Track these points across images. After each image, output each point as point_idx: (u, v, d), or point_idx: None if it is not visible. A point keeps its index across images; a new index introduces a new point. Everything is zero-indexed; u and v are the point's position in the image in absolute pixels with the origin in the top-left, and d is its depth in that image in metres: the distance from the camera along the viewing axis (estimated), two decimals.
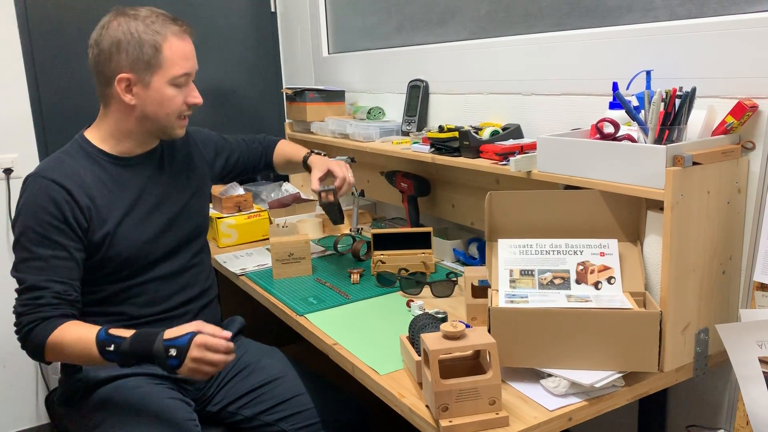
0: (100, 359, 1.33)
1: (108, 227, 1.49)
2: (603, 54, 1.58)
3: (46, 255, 1.41)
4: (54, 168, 1.48)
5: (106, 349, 1.32)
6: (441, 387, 1.11)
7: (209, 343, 1.30)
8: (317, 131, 2.45)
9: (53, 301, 1.40)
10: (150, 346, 1.30)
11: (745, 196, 1.34)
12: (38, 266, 1.41)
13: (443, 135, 1.80)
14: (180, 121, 1.54)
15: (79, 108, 2.60)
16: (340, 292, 1.79)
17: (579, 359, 1.23)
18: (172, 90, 1.49)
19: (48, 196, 1.44)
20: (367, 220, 2.49)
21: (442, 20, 2.13)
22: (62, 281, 1.42)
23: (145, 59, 1.45)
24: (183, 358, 1.29)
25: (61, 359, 1.43)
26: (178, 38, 1.48)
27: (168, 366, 1.30)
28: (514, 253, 1.39)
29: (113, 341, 1.32)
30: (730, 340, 1.20)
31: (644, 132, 1.31)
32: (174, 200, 1.62)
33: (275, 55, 3.06)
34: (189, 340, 1.30)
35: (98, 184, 1.51)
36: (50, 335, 1.36)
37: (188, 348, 1.29)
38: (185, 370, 1.30)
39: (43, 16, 2.52)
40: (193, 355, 1.29)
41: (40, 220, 1.42)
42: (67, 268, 1.44)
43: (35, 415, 2.68)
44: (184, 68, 1.48)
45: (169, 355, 1.29)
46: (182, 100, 1.51)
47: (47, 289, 1.40)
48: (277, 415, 1.59)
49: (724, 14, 1.36)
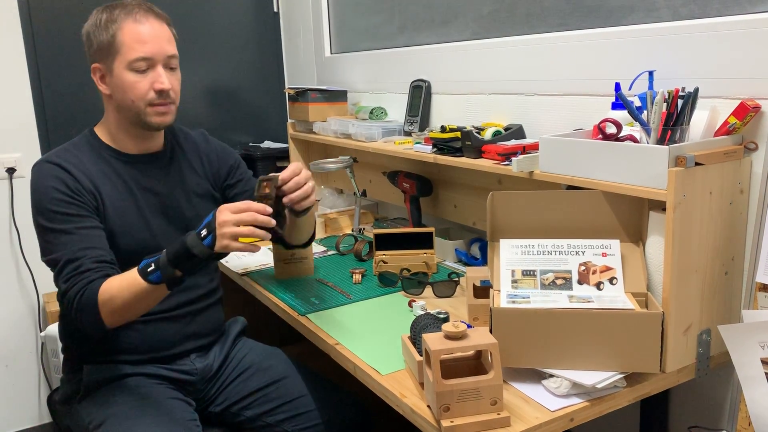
0: (149, 287, 1.33)
1: (111, 220, 1.50)
2: (605, 54, 1.58)
3: (69, 228, 1.42)
4: (57, 154, 1.51)
5: (148, 271, 1.32)
6: (442, 387, 1.11)
7: (233, 206, 1.30)
8: (319, 131, 2.46)
9: (93, 265, 1.39)
10: (183, 241, 1.31)
11: (748, 197, 1.34)
12: (65, 240, 1.41)
13: (445, 135, 1.80)
14: (152, 108, 1.49)
15: (81, 107, 2.61)
16: (342, 292, 1.79)
17: (581, 360, 1.23)
18: (132, 75, 1.47)
19: (52, 176, 1.46)
20: (369, 220, 2.49)
21: (444, 20, 2.13)
22: (94, 247, 1.42)
23: (104, 47, 1.47)
24: (213, 228, 1.29)
25: (117, 316, 1.38)
26: (136, 22, 1.46)
27: (205, 248, 1.29)
28: (516, 253, 1.39)
29: (151, 261, 1.34)
30: (732, 341, 1.20)
31: (647, 132, 1.31)
32: (179, 203, 1.61)
33: (277, 55, 3.06)
34: (213, 214, 1.32)
35: (102, 176, 1.52)
36: (99, 294, 1.35)
37: (214, 218, 1.30)
38: (221, 240, 1.28)
39: (46, 17, 2.53)
40: (220, 219, 1.29)
41: (51, 199, 1.43)
42: (93, 236, 1.44)
43: (37, 415, 2.69)
44: (139, 52, 1.45)
45: (202, 237, 1.30)
46: (147, 86, 1.47)
47: (84, 257, 1.40)
48: (280, 416, 1.59)
49: (727, 14, 1.36)
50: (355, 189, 2.31)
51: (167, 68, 1.50)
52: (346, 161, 2.23)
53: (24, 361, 2.64)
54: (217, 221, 1.30)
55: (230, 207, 1.31)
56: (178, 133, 1.70)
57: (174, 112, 1.54)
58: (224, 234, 1.29)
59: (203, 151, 1.70)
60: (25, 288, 2.60)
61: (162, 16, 1.52)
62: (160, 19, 1.51)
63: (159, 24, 1.50)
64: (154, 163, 1.60)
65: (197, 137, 1.72)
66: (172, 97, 1.52)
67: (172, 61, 1.51)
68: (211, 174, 1.70)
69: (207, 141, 1.73)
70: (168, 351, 1.58)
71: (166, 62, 1.49)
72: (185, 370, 1.60)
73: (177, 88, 1.54)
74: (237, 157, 1.77)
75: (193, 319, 1.62)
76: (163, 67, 1.49)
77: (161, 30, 1.49)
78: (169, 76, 1.50)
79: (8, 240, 2.54)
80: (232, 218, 1.29)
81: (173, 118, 1.55)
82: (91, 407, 1.50)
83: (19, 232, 2.54)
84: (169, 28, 1.53)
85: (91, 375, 1.53)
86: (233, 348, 1.71)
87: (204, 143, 1.72)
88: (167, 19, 1.54)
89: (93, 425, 1.46)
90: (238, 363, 1.67)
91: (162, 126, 1.54)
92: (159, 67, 1.48)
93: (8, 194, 2.52)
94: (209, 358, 1.64)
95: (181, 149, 1.67)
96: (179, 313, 1.59)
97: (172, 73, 1.52)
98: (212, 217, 1.31)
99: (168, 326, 1.58)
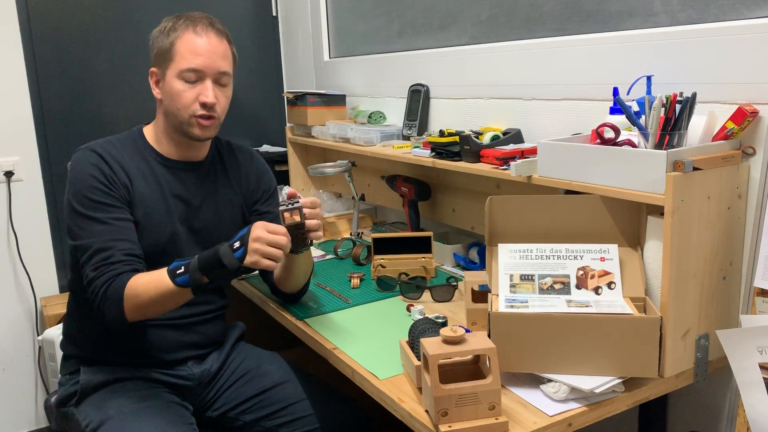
0: (176, 290, 1.36)
1: (137, 216, 1.50)
2: (604, 59, 1.58)
3: (102, 218, 1.44)
4: (99, 144, 1.54)
5: (176, 273, 1.36)
6: (440, 392, 1.11)
7: (269, 227, 1.35)
8: (318, 135, 2.46)
9: (123, 258, 1.41)
10: (217, 249, 1.35)
11: (746, 202, 1.34)
12: (99, 229, 1.43)
13: (444, 139, 1.80)
14: (196, 120, 1.51)
15: (81, 111, 2.61)
16: (340, 297, 1.79)
17: (579, 364, 1.23)
18: (180, 84, 1.49)
19: (90, 163, 1.49)
20: (367, 225, 2.49)
21: (443, 25, 2.13)
22: (126, 239, 1.44)
23: (162, 52, 1.51)
24: (246, 243, 1.34)
25: (139, 312, 1.41)
26: (194, 34, 1.49)
27: (235, 260, 1.34)
28: (514, 257, 1.39)
29: (181, 264, 1.37)
30: (731, 345, 1.20)
31: (645, 137, 1.31)
32: (207, 215, 1.61)
33: (276, 59, 3.07)
34: (248, 229, 1.36)
35: (138, 174, 1.53)
36: (125, 288, 1.38)
37: (248, 233, 1.34)
38: (252, 256, 1.33)
39: (45, 19, 2.53)
40: (254, 235, 1.33)
41: (87, 185, 1.46)
42: (125, 228, 1.46)
43: (34, 419, 2.68)
44: (190, 62, 1.48)
45: (234, 249, 1.35)
46: (193, 97, 1.50)
47: (114, 248, 1.42)
48: (277, 421, 1.59)
49: (725, 20, 1.36)
50: (354, 193, 2.31)
51: (217, 84, 1.52)
52: (344, 165, 2.23)
53: (21, 365, 2.63)
54: (251, 236, 1.34)
55: (267, 226, 1.35)
56: (224, 147, 1.71)
57: (216, 126, 1.56)
58: (256, 250, 1.33)
59: (244, 168, 1.71)
60: (23, 292, 2.59)
61: (223, 33, 1.55)
62: (219, 36, 1.53)
63: (218, 40, 1.52)
64: (191, 173, 1.61)
65: (243, 154, 1.73)
66: (218, 112, 1.54)
67: (222, 78, 1.53)
68: (247, 191, 1.71)
69: (251, 159, 1.74)
70: (165, 357, 1.57)
71: (217, 78, 1.51)
72: (182, 375, 1.59)
73: (224, 104, 1.55)
74: (274, 185, 1.78)
75: (195, 329, 1.61)
76: (213, 82, 1.51)
77: (218, 45, 1.52)
78: (217, 91, 1.52)
79: (6, 243, 2.54)
80: (266, 237, 1.33)
81: (215, 132, 1.57)
82: (88, 410, 1.50)
83: (17, 236, 2.53)
84: (229, 45, 1.56)
85: (89, 377, 1.53)
86: (231, 353, 1.71)
87: (248, 161, 1.73)
88: (228, 36, 1.56)
89: (90, 428, 1.46)
90: (236, 368, 1.67)
91: (202, 138, 1.55)
92: (208, 80, 1.50)
93: (6, 197, 2.51)
94: (207, 363, 1.64)
95: (222, 163, 1.68)
96: (182, 322, 1.59)
97: (222, 89, 1.54)
98: (247, 232, 1.35)
99: (168, 333, 1.57)
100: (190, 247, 1.57)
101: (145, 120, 1.64)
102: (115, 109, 2.68)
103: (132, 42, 2.67)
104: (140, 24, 2.67)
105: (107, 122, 2.66)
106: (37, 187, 2.56)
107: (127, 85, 2.69)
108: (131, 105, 2.70)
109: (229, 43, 1.56)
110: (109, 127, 2.63)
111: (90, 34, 2.61)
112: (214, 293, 1.66)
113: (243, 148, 1.75)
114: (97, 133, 2.59)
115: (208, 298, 1.64)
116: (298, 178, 2.73)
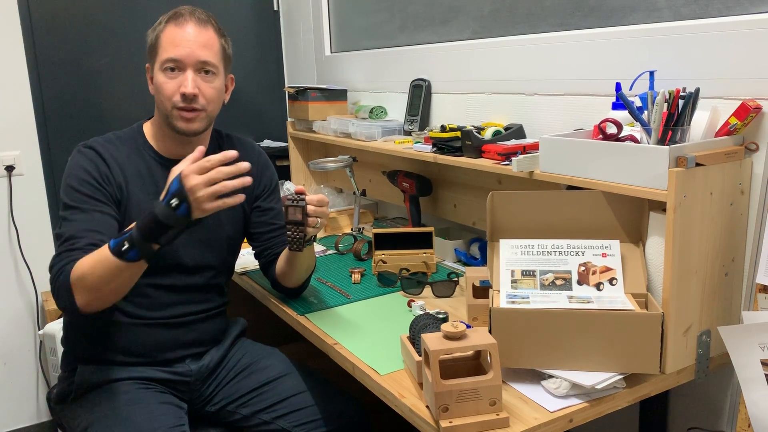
0: (124, 265, 1.29)
1: (131, 217, 1.48)
2: (606, 54, 1.57)
3: (84, 208, 1.44)
4: (99, 142, 1.55)
5: (122, 251, 1.28)
6: (441, 387, 1.11)
7: (196, 168, 1.24)
8: (319, 130, 2.45)
9: (85, 246, 1.37)
10: (153, 214, 1.26)
11: (749, 198, 1.33)
12: (78, 218, 1.43)
13: (445, 134, 1.79)
14: (178, 112, 1.48)
15: (81, 105, 2.60)
16: (341, 292, 1.78)
17: (580, 360, 1.22)
18: (162, 76, 1.48)
19: (86, 158, 1.50)
20: (368, 220, 2.49)
21: (445, 19, 2.13)
22: (99, 231, 1.41)
23: (150, 48, 1.53)
24: (185, 197, 1.23)
25: (93, 295, 1.35)
26: (175, 25, 1.48)
27: (180, 218, 1.25)
28: (515, 253, 1.39)
29: (123, 239, 1.29)
30: (732, 342, 1.19)
31: (647, 133, 1.31)
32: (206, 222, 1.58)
33: (277, 53, 3.06)
34: (178, 180, 1.25)
35: (134, 175, 1.53)
36: (71, 272, 1.34)
37: (181, 185, 1.24)
38: (198, 207, 1.24)
39: (46, 14, 2.52)
40: (189, 186, 1.23)
41: (78, 178, 1.46)
42: (104, 222, 1.44)
43: (36, 413, 2.68)
44: (170, 53, 1.46)
45: (173, 207, 1.24)
46: (174, 88, 1.47)
47: (83, 238, 1.39)
48: (275, 413, 1.58)
49: (728, 15, 1.36)
50: (355, 188, 2.31)
51: (200, 73, 1.48)
52: (345, 160, 2.23)
53: (22, 359, 2.64)
54: (187, 188, 1.24)
55: (193, 168, 1.24)
56: (225, 140, 1.68)
57: (203, 119, 1.51)
58: (200, 198, 1.24)
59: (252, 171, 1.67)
60: (24, 286, 2.59)
61: (208, 23, 1.51)
62: (202, 25, 1.49)
63: (198, 29, 1.48)
64: None
65: (244, 147, 1.70)
66: (201, 103, 1.49)
67: (206, 68, 1.49)
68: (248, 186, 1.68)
69: (253, 152, 1.72)
70: (163, 355, 1.57)
71: (198, 67, 1.48)
72: (180, 371, 1.59)
73: (210, 95, 1.50)
74: (276, 180, 1.76)
75: (194, 327, 1.61)
76: (195, 72, 1.47)
77: (199, 35, 1.48)
78: (200, 82, 1.48)
79: (7, 238, 2.54)
80: (202, 179, 1.24)
81: (202, 126, 1.52)
82: (80, 410, 1.50)
83: (18, 230, 2.53)
84: (216, 35, 1.51)
85: (84, 376, 1.52)
86: (231, 349, 1.70)
87: (250, 154, 1.69)
88: (215, 26, 1.53)
89: (80, 428, 1.46)
90: (236, 363, 1.66)
91: (187, 132, 1.51)
92: (189, 71, 1.47)
93: (7, 192, 2.51)
94: (205, 359, 1.63)
95: None
96: (181, 321, 1.58)
97: (206, 79, 1.49)
98: (178, 185, 1.25)
99: (166, 332, 1.56)
100: (187, 246, 1.56)
101: (146, 115, 1.63)
102: (116, 103, 2.67)
103: (133, 37, 2.67)
104: (141, 19, 2.66)
105: (108, 117, 2.65)
106: (38, 182, 2.56)
107: (127, 80, 2.68)
108: (132, 99, 2.70)
109: (217, 33, 1.52)
110: (109, 122, 2.63)
111: (91, 28, 2.61)
112: (214, 291, 1.65)
113: (245, 142, 1.73)
114: (97, 127, 2.59)
115: (208, 296, 1.63)
116: (299, 173, 2.72)
